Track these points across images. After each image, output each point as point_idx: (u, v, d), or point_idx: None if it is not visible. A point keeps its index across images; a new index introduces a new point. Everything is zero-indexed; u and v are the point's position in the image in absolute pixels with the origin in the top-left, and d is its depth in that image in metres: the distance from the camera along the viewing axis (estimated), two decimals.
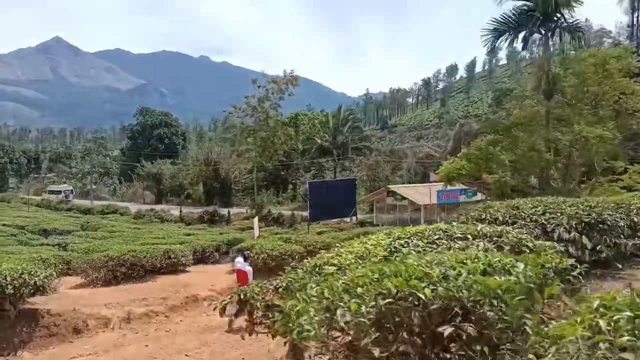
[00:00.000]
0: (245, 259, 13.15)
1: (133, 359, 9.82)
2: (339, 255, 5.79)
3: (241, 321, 7.24)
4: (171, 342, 11.11)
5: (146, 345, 10.75)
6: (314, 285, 3.82)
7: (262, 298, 5.52)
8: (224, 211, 53.60)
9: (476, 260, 3.01)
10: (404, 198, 38.17)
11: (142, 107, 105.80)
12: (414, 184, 45.07)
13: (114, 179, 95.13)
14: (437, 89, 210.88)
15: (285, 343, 5.08)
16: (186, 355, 10.19)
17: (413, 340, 2.68)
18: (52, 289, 12.28)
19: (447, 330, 2.50)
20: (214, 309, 5.53)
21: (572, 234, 6.22)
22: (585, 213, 6.69)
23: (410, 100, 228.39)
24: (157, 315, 12.97)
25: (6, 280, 9.80)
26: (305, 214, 42.28)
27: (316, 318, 2.80)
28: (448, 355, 2.71)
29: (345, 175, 64.77)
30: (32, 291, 10.41)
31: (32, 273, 10.48)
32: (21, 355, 9.86)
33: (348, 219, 41.67)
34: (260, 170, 66.19)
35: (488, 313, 2.53)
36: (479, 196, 28.82)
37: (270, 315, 5.47)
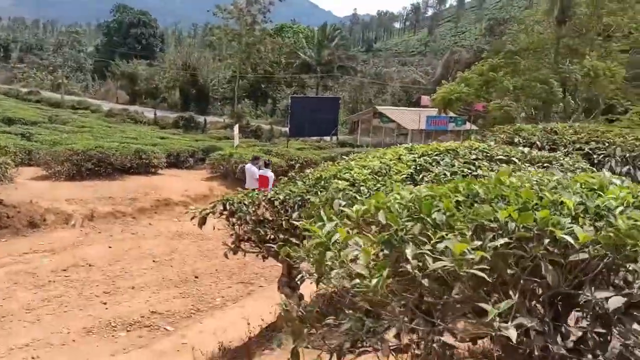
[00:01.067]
0: (267, 165, 12.21)
1: (93, 260, 8.85)
2: (349, 169, 4.70)
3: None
4: (137, 245, 10.15)
5: (109, 247, 9.78)
6: (344, 202, 2.74)
7: (253, 211, 4.44)
8: (200, 118, 51.82)
9: (617, 189, 1.93)
10: (392, 121, 36.59)
11: (120, 3, 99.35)
12: (403, 108, 43.49)
13: (87, 75, 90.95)
14: (426, 15, 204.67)
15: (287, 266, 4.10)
16: (154, 261, 9.31)
17: (532, 307, 1.64)
18: (7, 178, 11.07)
19: (614, 300, 1.46)
20: (191, 219, 4.45)
21: (626, 167, 5.26)
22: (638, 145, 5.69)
23: (397, 25, 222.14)
24: (124, 216, 11.93)
25: None
26: (284, 129, 41.07)
27: (372, 255, 1.72)
28: (573, 331, 1.70)
29: (327, 95, 62.94)
30: None
31: None
32: None
33: (328, 138, 40.62)
34: (241, 79, 63.72)
35: None
36: (468, 125, 27.77)
37: (262, 233, 4.45)
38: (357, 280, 1.62)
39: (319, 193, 4.30)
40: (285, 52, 69.68)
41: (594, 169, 4.93)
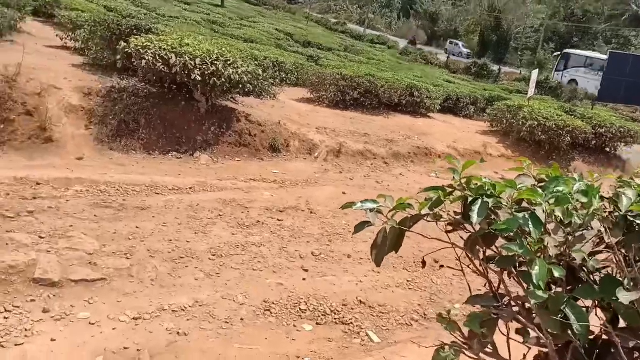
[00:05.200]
0: None
1: (317, 206, 7.16)
2: None
3: None
4: (376, 197, 8.13)
5: (343, 193, 7.99)
6: None
7: (559, 248, 1.65)
8: (494, 67, 47.61)
9: None
10: None
11: None
12: None
13: (394, 13, 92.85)
14: None
15: None
16: None
17: None
18: (270, 94, 10.24)
19: None
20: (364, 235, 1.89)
21: None
22: None
23: None
24: (374, 158, 10.10)
25: (194, 63, 7.64)
26: (591, 92, 34.66)
27: None
28: None
29: None
30: (227, 86, 8.16)
31: (231, 63, 8.16)
32: (198, 156, 8.05)
33: None
34: (551, 29, 56.15)
35: None
36: None
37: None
38: None
39: None
40: (611, 2, 58.81)
41: None
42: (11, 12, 10.98)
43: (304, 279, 5.25)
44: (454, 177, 1.82)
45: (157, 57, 7.52)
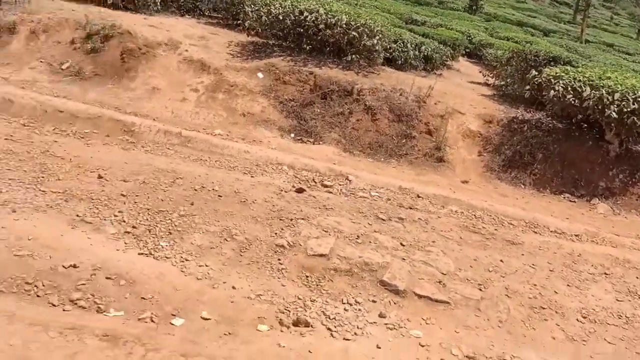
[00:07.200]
0: None
1: None
2: None
3: None
4: None
5: None
6: None
7: None
8: None
9: None
10: None
11: None
12: None
13: None
14: None
15: None
16: None
17: None
18: None
19: None
20: None
21: None
22: None
23: None
24: None
25: (611, 98, 6.47)
26: None
27: None
28: None
29: None
30: None
31: None
32: (595, 204, 6.79)
33: None
34: None
35: None
36: None
37: None
38: None
39: None
40: None
41: None
42: (445, 49, 11.97)
43: None
44: None
45: (569, 89, 6.73)
